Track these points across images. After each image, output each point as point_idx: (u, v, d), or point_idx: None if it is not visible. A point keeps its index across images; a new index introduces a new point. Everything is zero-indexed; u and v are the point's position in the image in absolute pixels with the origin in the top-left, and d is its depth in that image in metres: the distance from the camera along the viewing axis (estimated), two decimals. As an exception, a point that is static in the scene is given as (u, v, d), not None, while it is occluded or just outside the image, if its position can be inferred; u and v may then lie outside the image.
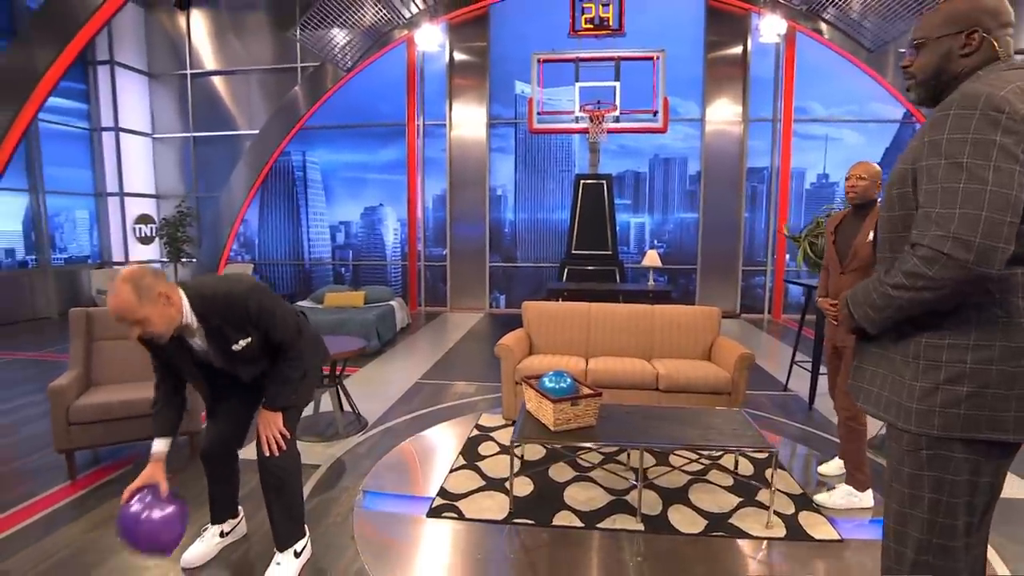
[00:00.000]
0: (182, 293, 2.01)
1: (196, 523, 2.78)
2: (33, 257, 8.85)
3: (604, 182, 8.34)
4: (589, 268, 8.25)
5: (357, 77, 9.19)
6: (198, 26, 9.92)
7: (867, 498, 2.92)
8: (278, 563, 2.32)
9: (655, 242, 9.62)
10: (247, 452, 2.55)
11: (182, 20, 9.82)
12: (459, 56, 9.34)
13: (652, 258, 7.05)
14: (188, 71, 9.97)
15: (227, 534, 2.56)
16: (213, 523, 2.55)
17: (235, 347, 2.06)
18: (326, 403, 4.21)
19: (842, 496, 2.94)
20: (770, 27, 8.10)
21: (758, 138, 9.13)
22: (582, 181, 8.39)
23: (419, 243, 9.73)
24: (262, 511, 2.47)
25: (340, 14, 8.10)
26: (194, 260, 9.75)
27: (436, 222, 9.93)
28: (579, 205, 8.39)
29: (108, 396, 3.36)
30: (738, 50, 8.88)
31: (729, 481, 3.20)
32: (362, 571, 2.41)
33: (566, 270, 8.37)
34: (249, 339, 2.07)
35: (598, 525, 2.76)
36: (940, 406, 1.33)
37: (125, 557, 2.51)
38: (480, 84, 9.32)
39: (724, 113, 8.98)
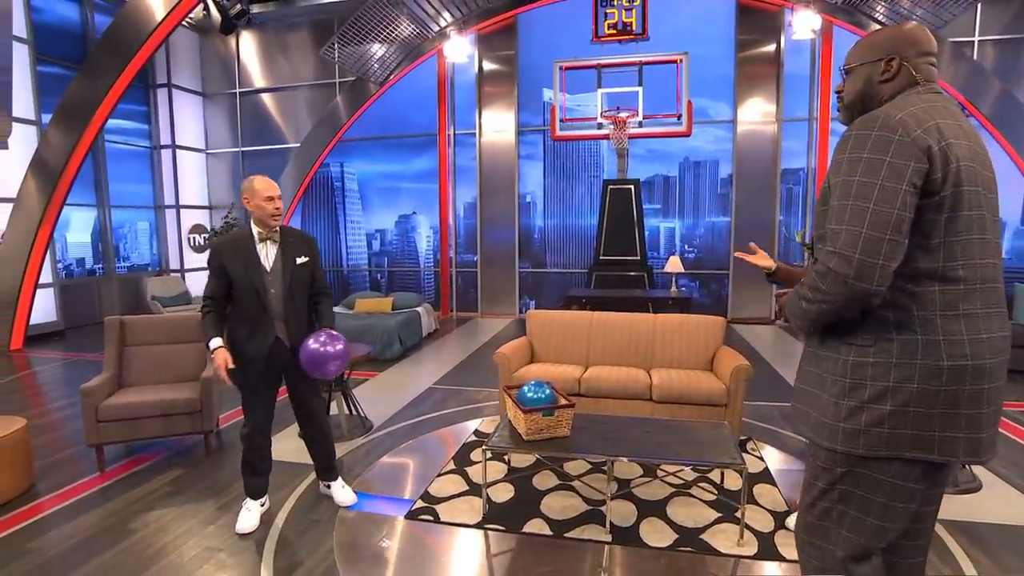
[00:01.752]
0: None
1: (195, 515, 3.03)
2: (100, 266, 9.65)
3: (632, 187, 8.29)
4: (617, 274, 8.22)
5: (391, 90, 9.51)
6: (247, 47, 10.53)
7: None
8: (342, 486, 3.17)
9: (685, 247, 9.44)
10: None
11: (233, 42, 10.45)
12: (488, 65, 9.51)
13: (675, 264, 6.97)
14: (237, 90, 10.60)
15: (264, 504, 3.04)
16: (254, 499, 2.98)
17: (298, 260, 2.85)
18: (334, 406, 4.42)
19: None
20: (804, 23, 7.81)
21: (793, 138, 8.81)
22: (610, 186, 8.37)
23: (451, 250, 9.95)
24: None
25: (371, 31, 8.42)
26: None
27: (467, 229, 10.13)
28: (607, 211, 8.37)
29: (134, 397, 3.69)
30: (771, 48, 8.60)
31: (712, 496, 3.17)
32: (332, 568, 2.57)
33: (594, 276, 8.37)
34: (307, 259, 2.89)
35: (567, 534, 2.81)
36: (865, 425, 1.36)
37: (135, 541, 2.78)
38: (509, 92, 9.45)
39: (756, 113, 8.72)
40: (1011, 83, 7.96)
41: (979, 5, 7.81)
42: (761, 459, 3.68)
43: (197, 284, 10.37)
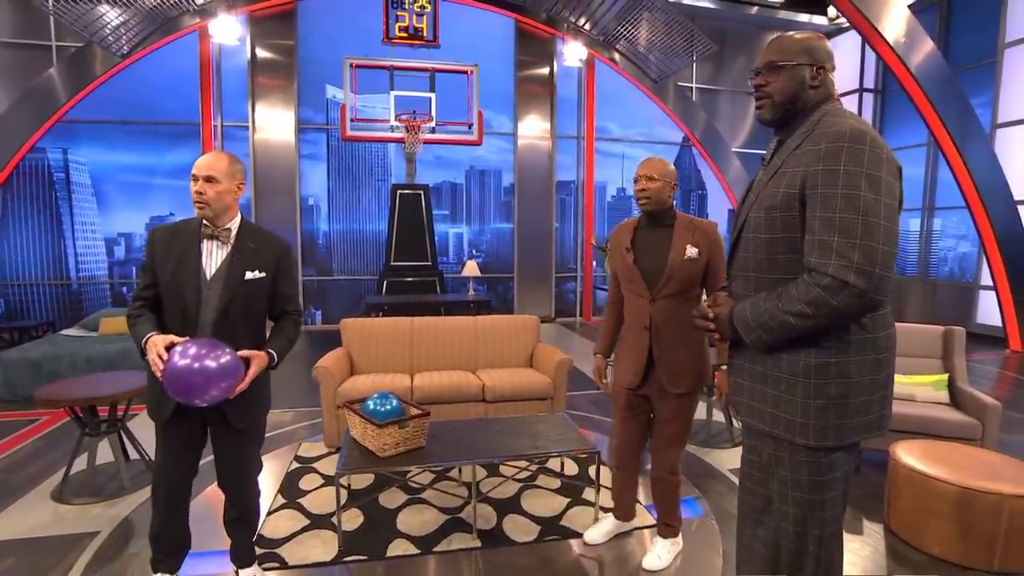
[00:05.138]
0: (240, 214, 2.20)
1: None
2: None
3: (421, 192, 8.32)
4: (409, 279, 8.16)
5: (137, 66, 7.92)
6: None
7: (680, 539, 2.68)
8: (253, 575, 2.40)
9: (473, 252, 9.85)
10: None
11: None
12: (263, 53, 8.59)
13: (471, 268, 7.20)
14: None
15: None
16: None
17: (248, 275, 2.09)
18: (105, 453, 3.52)
19: (667, 551, 2.59)
20: (573, 52, 8.82)
21: (565, 153, 9.87)
22: (399, 191, 8.27)
23: (220, 256, 8.70)
24: None
25: (108, -12, 6.92)
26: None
27: (240, 233, 8.98)
28: (397, 216, 8.26)
29: None
30: (545, 71, 9.51)
31: (557, 483, 3.35)
32: (160, 655, 2.04)
33: (386, 282, 8.18)
34: (264, 275, 2.12)
35: (434, 549, 2.69)
36: (834, 420, 1.46)
37: None
38: (287, 85, 8.67)
39: (534, 129, 9.55)
40: (713, 118, 10.18)
41: (694, 63, 9.81)
42: (586, 443, 4.02)
43: None
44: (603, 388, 2.69)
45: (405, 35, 8.20)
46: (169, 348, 1.87)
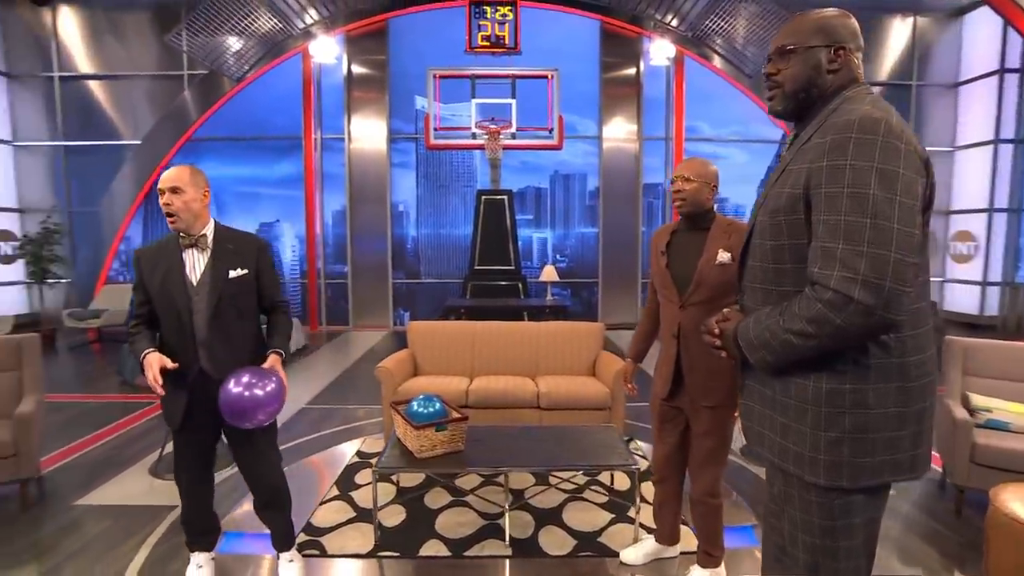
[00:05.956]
0: (213, 219, 2.31)
1: None
2: None
3: (505, 198, 8.44)
4: (492, 283, 8.30)
5: (249, 87, 8.79)
6: (68, 25, 9.13)
7: (723, 571, 2.47)
8: (290, 560, 2.52)
9: (556, 257, 9.82)
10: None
11: (48, 18, 9.01)
12: (357, 69, 9.16)
13: (550, 273, 7.17)
14: (56, 73, 9.13)
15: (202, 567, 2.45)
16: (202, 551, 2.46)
17: (232, 273, 2.20)
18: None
19: None
20: (660, 51, 8.53)
21: (652, 155, 9.57)
22: (484, 197, 8.45)
23: (319, 260, 9.40)
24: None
25: (227, 20, 7.72)
26: (64, 281, 8.88)
27: (336, 238, 9.65)
28: (481, 221, 8.44)
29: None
30: (632, 71, 9.28)
31: (604, 498, 3.24)
32: (200, 626, 2.22)
33: (470, 286, 8.37)
34: (246, 271, 2.24)
35: (465, 553, 2.70)
36: (849, 456, 1.25)
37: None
38: (379, 98, 9.18)
39: (620, 131, 9.34)
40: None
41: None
42: (644, 457, 3.85)
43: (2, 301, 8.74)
44: (628, 392, 2.69)
45: (487, 44, 8.35)
46: (162, 370, 2.06)
